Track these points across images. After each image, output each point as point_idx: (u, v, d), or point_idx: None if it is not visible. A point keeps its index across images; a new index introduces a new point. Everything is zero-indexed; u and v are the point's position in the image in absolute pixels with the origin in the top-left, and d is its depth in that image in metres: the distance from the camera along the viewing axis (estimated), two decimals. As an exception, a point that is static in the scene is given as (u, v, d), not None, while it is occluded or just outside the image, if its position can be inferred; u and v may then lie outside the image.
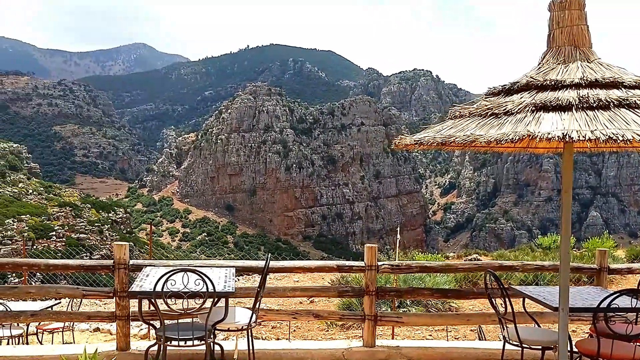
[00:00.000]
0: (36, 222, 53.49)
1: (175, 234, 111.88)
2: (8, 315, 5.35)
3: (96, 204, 71.52)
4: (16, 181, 68.46)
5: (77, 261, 5.34)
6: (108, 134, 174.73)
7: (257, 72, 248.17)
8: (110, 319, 5.36)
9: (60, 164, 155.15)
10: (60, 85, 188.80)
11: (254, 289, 5.55)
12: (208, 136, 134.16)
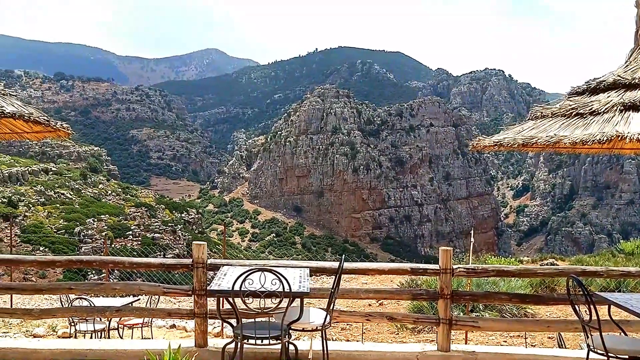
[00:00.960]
0: (114, 221, 56.03)
1: (245, 235, 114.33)
2: (95, 311, 5.64)
3: (170, 205, 74.08)
4: (96, 182, 71.77)
5: (158, 260, 5.56)
6: (181, 137, 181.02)
7: (325, 74, 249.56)
8: (189, 316, 5.53)
9: (136, 166, 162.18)
10: (137, 91, 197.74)
11: (327, 290, 5.58)
12: (277, 138, 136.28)
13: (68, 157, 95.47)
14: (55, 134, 4.28)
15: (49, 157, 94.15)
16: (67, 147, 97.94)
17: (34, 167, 66.58)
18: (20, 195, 54.87)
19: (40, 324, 9.63)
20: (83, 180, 69.07)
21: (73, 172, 72.47)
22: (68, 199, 59.34)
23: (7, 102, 3.50)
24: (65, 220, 52.74)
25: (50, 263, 5.84)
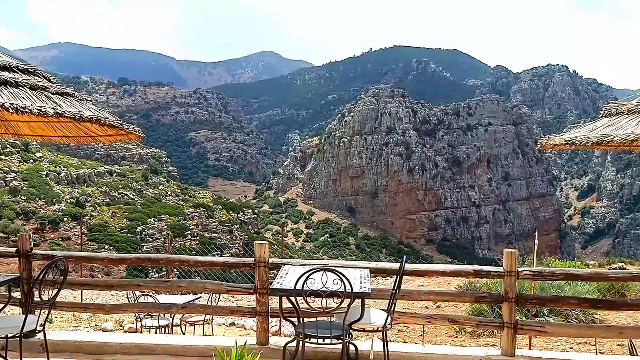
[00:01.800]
0: (174, 221, 57.57)
1: (299, 235, 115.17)
2: (162, 307, 5.83)
3: (226, 205, 75.34)
4: (157, 183, 73.83)
5: (221, 258, 5.70)
6: (238, 139, 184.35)
7: (380, 74, 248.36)
8: (251, 314, 5.63)
9: (194, 168, 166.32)
10: (196, 94, 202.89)
11: (387, 291, 5.56)
12: (331, 139, 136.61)
13: (131, 159, 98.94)
14: (127, 137, 4.46)
15: (113, 159, 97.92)
16: (130, 149, 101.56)
17: (99, 169, 69.28)
18: (87, 195, 57.22)
19: (108, 319, 10.05)
20: (144, 182, 71.22)
21: (135, 173, 74.92)
22: (131, 200, 61.41)
23: (84, 107, 3.68)
24: (128, 219, 54.61)
25: (120, 260, 6.09)
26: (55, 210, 51.16)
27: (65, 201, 53.89)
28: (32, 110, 3.26)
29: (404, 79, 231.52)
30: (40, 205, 51.45)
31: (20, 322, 4.57)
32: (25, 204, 49.81)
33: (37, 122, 4.84)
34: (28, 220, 48.10)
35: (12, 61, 3.80)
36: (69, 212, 50.96)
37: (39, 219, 48.42)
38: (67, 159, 71.86)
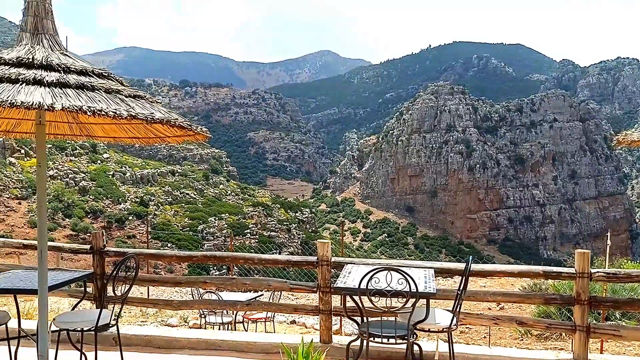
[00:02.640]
0: (233, 220, 58.71)
1: (357, 234, 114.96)
2: (227, 304, 5.96)
3: (285, 204, 76.10)
4: (217, 183, 75.46)
5: (284, 256, 5.76)
6: (295, 139, 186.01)
7: (439, 71, 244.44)
8: (314, 312, 5.66)
9: (253, 167, 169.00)
10: (254, 95, 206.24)
11: (452, 291, 5.47)
12: (388, 138, 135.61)
13: (192, 160, 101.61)
14: (194, 138, 4.56)
15: (175, 159, 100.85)
16: (191, 150, 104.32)
17: (162, 169, 71.53)
18: (150, 195, 59.18)
19: (173, 315, 10.36)
20: (205, 181, 72.94)
21: (197, 173, 76.84)
22: (192, 199, 63.05)
23: (155, 109, 3.80)
24: (189, 218, 56.10)
25: (188, 258, 6.26)
26: (121, 209, 53.18)
27: (130, 200, 55.92)
28: (107, 112, 3.39)
29: (464, 75, 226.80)
30: (107, 204, 53.57)
31: (95, 317, 4.78)
32: (93, 203, 52.00)
33: (109, 124, 5.02)
34: (96, 219, 50.14)
35: (88, 66, 3.97)
36: (134, 211, 52.84)
37: (106, 218, 50.41)
38: (132, 159, 74.60)
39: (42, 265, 4.41)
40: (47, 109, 3.23)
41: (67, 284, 5.07)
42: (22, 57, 3.71)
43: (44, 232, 4.48)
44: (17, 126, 5.18)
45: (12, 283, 4.89)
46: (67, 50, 4.17)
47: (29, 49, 3.86)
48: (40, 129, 4.30)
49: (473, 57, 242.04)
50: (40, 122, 4.29)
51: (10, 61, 3.66)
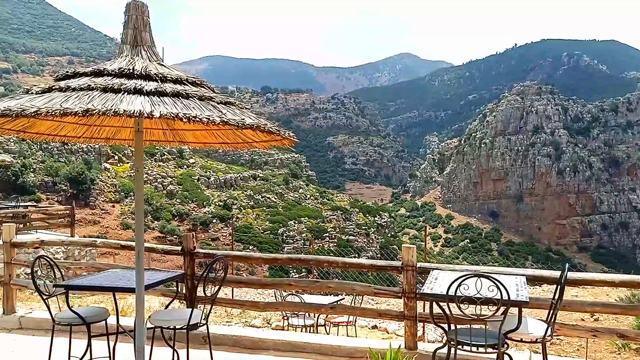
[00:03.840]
0: (313, 224, 59.28)
1: (438, 239, 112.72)
2: (311, 307, 6.00)
3: (363, 209, 75.93)
4: (297, 187, 76.54)
5: (368, 261, 5.73)
6: (374, 142, 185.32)
7: (525, 70, 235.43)
8: (399, 317, 5.59)
9: (332, 171, 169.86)
10: (334, 99, 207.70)
11: (545, 300, 5.23)
12: (471, 141, 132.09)
13: (273, 164, 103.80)
14: (280, 142, 4.63)
15: (257, 164, 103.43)
16: (272, 154, 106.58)
17: (244, 173, 73.57)
18: (233, 199, 60.99)
19: (257, 316, 10.59)
20: (285, 185, 74.21)
21: (277, 177, 78.37)
22: (273, 203, 64.35)
23: (245, 115, 3.91)
24: (270, 221, 57.24)
25: (273, 260, 6.37)
26: (206, 212, 55.11)
27: (214, 204, 57.86)
28: (202, 119, 3.52)
29: (553, 74, 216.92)
30: (193, 208, 55.69)
31: (187, 316, 4.97)
32: (179, 206, 54.23)
33: (200, 131, 5.21)
34: (182, 222, 52.23)
35: (182, 74, 4.15)
36: (218, 214, 54.61)
37: (191, 220, 52.41)
38: (216, 164, 77.23)
39: (140, 265, 4.64)
40: (147, 116, 3.40)
41: (161, 283, 5.31)
42: (123, 67, 3.93)
43: (141, 235, 4.72)
44: (117, 134, 5.50)
45: (112, 282, 5.18)
46: (163, 60, 4.38)
47: (129, 60, 4.09)
48: (139, 136, 4.53)
49: (562, 55, 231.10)
50: (139, 130, 4.52)
51: (113, 72, 3.89)
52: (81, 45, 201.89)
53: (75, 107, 3.36)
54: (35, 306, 9.12)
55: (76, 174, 48.96)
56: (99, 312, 5.28)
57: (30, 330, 6.85)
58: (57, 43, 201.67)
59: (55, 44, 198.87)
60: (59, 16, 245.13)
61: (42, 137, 5.17)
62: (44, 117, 3.77)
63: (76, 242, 8.98)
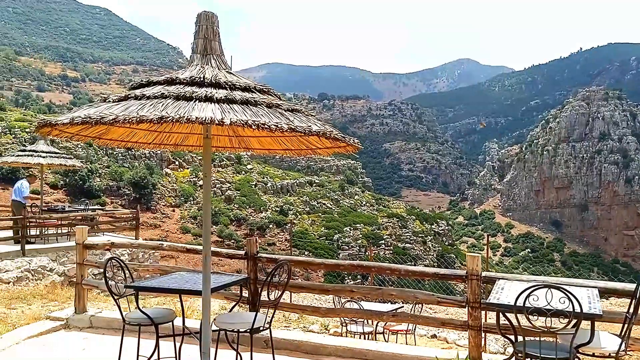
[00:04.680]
0: (368, 230, 58.93)
1: (497, 249, 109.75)
2: (373, 314, 5.96)
3: (420, 216, 74.93)
4: (353, 193, 76.37)
5: (432, 269, 5.64)
6: (432, 149, 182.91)
7: (591, 75, 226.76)
8: (463, 327, 5.48)
9: (388, 178, 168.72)
10: (390, 106, 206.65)
11: (619, 314, 5.01)
12: (533, 147, 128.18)
13: (328, 171, 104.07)
14: (344, 149, 4.65)
15: (313, 170, 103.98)
16: (328, 161, 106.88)
17: (301, 179, 74.13)
18: (289, 204, 61.52)
19: (314, 322, 10.62)
20: (341, 192, 74.21)
21: (333, 184, 78.50)
22: (328, 209, 64.47)
23: (311, 122, 3.95)
24: (326, 228, 57.34)
25: (335, 266, 6.39)
26: (263, 217, 55.84)
27: (271, 209, 58.54)
28: (270, 126, 3.58)
29: (621, 79, 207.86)
30: (250, 213, 56.52)
31: (251, 319, 5.05)
32: (237, 211, 55.16)
33: (265, 137, 5.31)
34: (240, 226, 53.06)
35: (250, 82, 4.24)
36: (274, 220, 55.21)
37: (248, 225, 53.21)
38: (273, 170, 78.17)
39: (206, 268, 4.76)
40: (218, 123, 3.49)
41: (226, 286, 5.42)
42: (194, 76, 4.06)
43: (208, 239, 4.84)
44: (185, 140, 5.68)
45: (179, 284, 5.33)
46: (231, 69, 4.50)
47: (200, 69, 4.23)
48: (207, 142, 4.67)
49: (631, 59, 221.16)
50: (207, 136, 4.65)
51: (184, 80, 4.03)
52: (145, 55, 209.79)
53: (150, 114, 3.50)
54: (102, 305, 9.50)
55: (139, 179, 50.68)
56: (166, 313, 5.44)
57: (100, 329, 7.13)
58: (122, 52, 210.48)
59: (121, 54, 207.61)
60: (125, 27, 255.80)
61: (115, 143, 5.42)
62: (121, 125, 3.94)
63: (144, 244, 9.31)
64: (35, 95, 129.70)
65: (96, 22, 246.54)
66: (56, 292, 12.11)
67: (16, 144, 51.35)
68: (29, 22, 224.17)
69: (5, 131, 55.80)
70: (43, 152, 17.24)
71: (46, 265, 14.13)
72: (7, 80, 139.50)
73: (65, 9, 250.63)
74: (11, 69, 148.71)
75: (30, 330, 6.91)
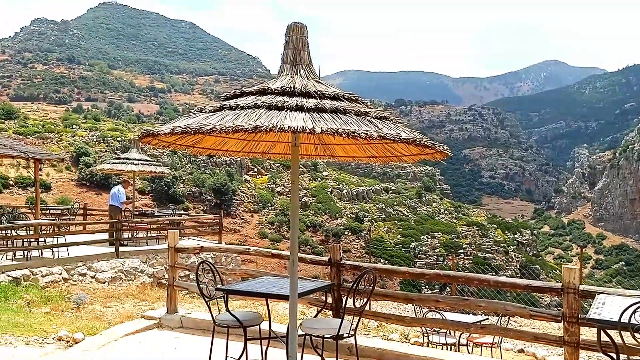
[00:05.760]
0: (446, 239, 57.66)
1: (587, 261, 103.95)
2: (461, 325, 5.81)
3: (502, 225, 72.52)
4: (430, 201, 75.05)
5: (524, 281, 5.43)
6: (515, 155, 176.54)
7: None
8: (557, 343, 5.22)
9: (468, 185, 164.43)
10: (470, 111, 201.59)
11: None
12: (628, 153, 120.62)
13: (405, 177, 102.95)
14: (432, 156, 4.58)
15: (389, 177, 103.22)
16: (405, 167, 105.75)
17: (376, 186, 73.82)
18: (365, 211, 61.39)
19: (394, 331, 10.49)
20: (418, 199, 73.18)
21: (410, 191, 77.54)
22: (405, 216, 63.72)
23: (400, 129, 3.93)
24: (402, 235, 56.67)
25: (420, 275, 6.30)
26: (338, 224, 56.02)
27: (346, 216, 58.65)
28: (360, 134, 3.60)
29: None
30: (325, 219, 56.89)
31: (336, 325, 5.08)
32: (313, 217, 55.68)
33: (350, 145, 5.33)
34: (315, 232, 53.53)
35: (339, 91, 4.29)
36: (349, 226, 55.26)
37: (324, 232, 53.56)
38: (348, 177, 78.38)
39: (293, 273, 4.84)
40: (309, 132, 3.55)
41: (313, 292, 5.49)
42: (285, 86, 4.17)
43: (296, 245, 4.92)
44: (272, 148, 5.81)
45: (267, 288, 5.45)
46: (320, 78, 4.56)
47: (290, 79, 4.32)
48: (295, 150, 4.75)
49: None
50: (295, 144, 4.74)
51: (275, 90, 4.14)
52: (226, 65, 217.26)
53: (245, 124, 3.62)
54: (188, 306, 9.88)
55: (219, 185, 52.45)
56: (253, 316, 5.57)
57: (190, 329, 7.42)
58: (205, 64, 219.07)
59: (204, 65, 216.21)
60: (208, 38, 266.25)
61: (207, 152, 5.64)
62: (217, 134, 4.10)
63: (232, 249, 9.59)
64: (126, 106, 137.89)
65: (182, 35, 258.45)
66: (146, 293, 12.74)
67: (109, 152, 54.74)
68: (121, 37, 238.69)
69: (100, 140, 59.67)
70: (136, 160, 18.24)
71: (137, 267, 14.88)
72: (102, 93, 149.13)
73: (154, 24, 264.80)
74: (105, 81, 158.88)
75: (127, 328, 7.30)
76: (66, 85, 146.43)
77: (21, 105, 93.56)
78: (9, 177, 44.68)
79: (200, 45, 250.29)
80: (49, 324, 8.22)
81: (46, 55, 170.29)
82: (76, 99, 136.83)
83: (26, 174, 45.00)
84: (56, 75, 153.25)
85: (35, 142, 52.16)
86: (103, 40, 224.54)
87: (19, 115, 69.86)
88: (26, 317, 8.61)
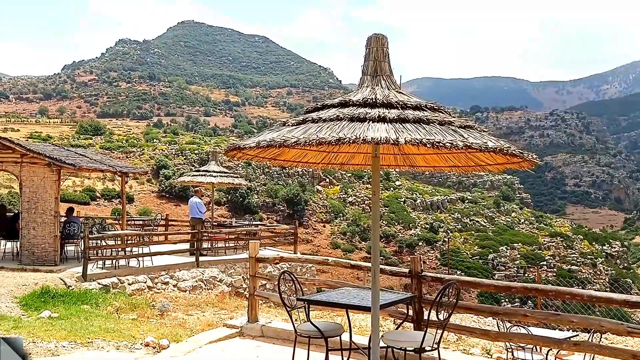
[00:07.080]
0: (527, 250, 55.38)
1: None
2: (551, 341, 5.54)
3: (589, 235, 68.97)
4: (509, 210, 72.58)
5: (621, 296, 5.10)
6: (602, 162, 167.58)
7: None
8: (660, 363, 4.87)
9: (550, 194, 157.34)
10: (552, 116, 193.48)
11: None
12: None
13: (482, 186, 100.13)
14: (518, 165, 4.44)
15: (465, 186, 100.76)
16: (482, 176, 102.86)
17: (452, 196, 72.25)
18: (440, 221, 60.14)
19: (475, 345, 10.16)
20: (496, 208, 70.98)
21: (487, 200, 75.37)
22: (482, 227, 61.90)
23: (486, 138, 3.83)
24: (479, 246, 55.00)
25: (506, 288, 6.09)
26: (412, 234, 55.17)
27: (420, 226, 57.69)
28: (445, 144, 3.54)
29: None
30: (399, 230, 56.19)
31: (418, 338, 5.00)
32: (386, 227, 55.16)
33: (431, 154, 5.25)
34: (388, 243, 52.95)
35: (421, 101, 4.25)
36: (424, 237, 54.28)
37: (397, 242, 52.91)
38: (422, 186, 77.20)
39: (375, 285, 4.81)
40: (393, 143, 3.54)
41: (395, 304, 5.43)
42: (367, 97, 4.18)
43: (377, 256, 4.89)
44: (351, 159, 5.83)
45: (348, 299, 5.45)
46: (401, 88, 4.54)
47: (371, 90, 4.33)
48: (376, 161, 4.75)
49: None
50: (376, 155, 4.73)
51: (357, 102, 4.16)
52: (299, 77, 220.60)
53: (328, 136, 3.66)
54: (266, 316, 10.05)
55: (292, 196, 53.20)
56: (334, 327, 5.58)
57: (270, 338, 7.53)
58: (278, 76, 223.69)
59: (276, 77, 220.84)
60: (280, 52, 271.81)
61: (288, 164, 5.73)
62: (302, 147, 4.17)
63: (311, 259, 9.68)
64: (202, 120, 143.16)
65: (255, 49, 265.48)
66: (225, 301, 13.08)
67: (187, 164, 56.96)
68: (198, 53, 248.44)
69: (178, 153, 62.24)
70: (214, 172, 18.89)
71: (216, 276, 15.33)
72: (180, 107, 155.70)
73: (228, 39, 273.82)
74: (182, 97, 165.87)
75: (211, 336, 7.51)
76: (147, 101, 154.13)
77: (107, 122, 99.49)
78: (96, 189, 47.55)
79: (273, 59, 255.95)
80: (137, 330, 8.62)
81: (129, 74, 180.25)
82: (156, 114, 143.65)
83: (111, 186, 47.72)
84: (138, 92, 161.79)
85: (119, 156, 55.25)
86: (181, 57, 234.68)
87: (105, 131, 74.23)
88: (116, 323, 9.06)
